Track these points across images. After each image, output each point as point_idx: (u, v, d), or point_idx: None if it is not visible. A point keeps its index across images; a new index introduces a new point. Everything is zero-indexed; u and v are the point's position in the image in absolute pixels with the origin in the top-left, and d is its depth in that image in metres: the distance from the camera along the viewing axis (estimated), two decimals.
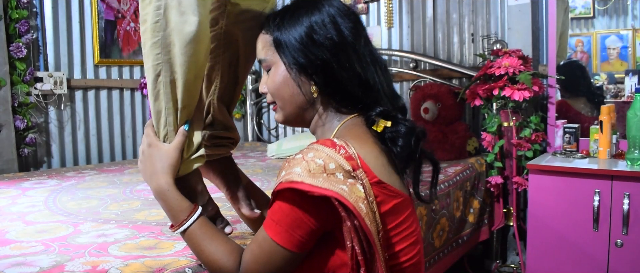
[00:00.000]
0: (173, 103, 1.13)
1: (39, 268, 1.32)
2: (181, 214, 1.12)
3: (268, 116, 4.50)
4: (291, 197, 1.00)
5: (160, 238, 1.58)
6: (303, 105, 1.15)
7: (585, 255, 2.45)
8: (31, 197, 2.27)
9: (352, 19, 1.14)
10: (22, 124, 3.17)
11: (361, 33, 1.15)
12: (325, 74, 1.11)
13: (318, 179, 0.97)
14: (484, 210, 3.07)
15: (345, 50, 1.10)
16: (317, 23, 1.10)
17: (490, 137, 2.94)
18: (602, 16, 3.01)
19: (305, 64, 1.11)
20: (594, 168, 2.44)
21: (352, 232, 0.98)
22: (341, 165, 1.00)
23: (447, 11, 3.59)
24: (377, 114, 1.12)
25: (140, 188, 2.45)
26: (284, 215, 1.02)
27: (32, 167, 3.32)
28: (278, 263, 1.04)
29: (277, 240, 1.02)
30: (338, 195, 0.96)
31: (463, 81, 3.47)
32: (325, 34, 1.10)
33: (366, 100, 1.13)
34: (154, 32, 1.09)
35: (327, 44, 1.09)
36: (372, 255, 1.01)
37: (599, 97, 2.98)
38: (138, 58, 3.86)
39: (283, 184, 1.00)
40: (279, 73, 1.14)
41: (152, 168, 1.14)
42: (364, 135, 1.10)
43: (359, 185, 1.00)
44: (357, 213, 0.97)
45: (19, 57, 3.14)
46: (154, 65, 1.10)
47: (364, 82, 1.12)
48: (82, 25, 3.54)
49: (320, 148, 1.02)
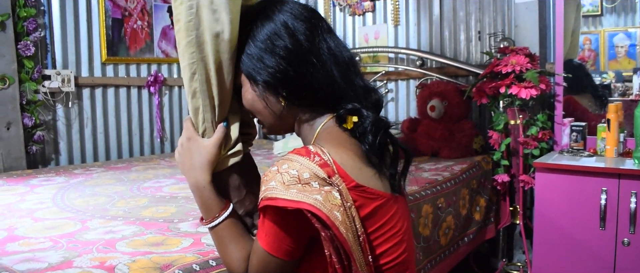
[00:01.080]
0: (210, 100, 1.14)
1: (47, 264, 1.33)
2: (213, 211, 1.14)
3: None
4: (270, 212, 1.02)
5: (167, 234, 1.59)
6: (277, 117, 1.15)
7: (591, 253, 2.45)
8: (39, 194, 2.29)
9: (305, 18, 1.12)
10: (30, 121, 3.19)
11: (317, 31, 1.12)
12: (288, 84, 1.10)
13: (292, 191, 0.98)
14: (490, 209, 3.06)
15: (302, 56, 1.09)
16: (270, 34, 1.10)
17: (497, 135, 2.93)
18: (610, 14, 3.00)
19: (266, 79, 1.10)
20: (601, 166, 2.43)
21: (327, 241, 0.99)
22: (316, 174, 1.00)
23: (453, 9, 3.58)
24: (345, 111, 1.11)
25: (147, 185, 2.46)
26: (270, 227, 1.03)
27: (40, 165, 3.34)
28: (273, 270, 1.06)
29: (268, 250, 1.04)
30: (311, 207, 0.97)
31: (469, 79, 3.46)
32: (280, 44, 1.09)
33: (333, 100, 1.12)
34: (188, 31, 1.10)
35: (282, 54, 1.08)
36: (349, 262, 1.02)
37: (603, 95, 2.96)
38: (145, 56, 3.87)
39: (263, 201, 1.01)
40: (247, 90, 1.14)
41: (190, 162, 1.16)
42: (341, 138, 1.10)
43: (335, 191, 1.00)
44: (331, 223, 0.97)
45: (27, 55, 3.15)
46: (189, 64, 1.11)
47: (327, 83, 1.11)
48: (89, 23, 3.56)
49: (294, 158, 1.02)
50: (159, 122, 3.97)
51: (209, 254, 1.36)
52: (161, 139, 4.02)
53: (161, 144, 4.03)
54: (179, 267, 1.28)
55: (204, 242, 1.49)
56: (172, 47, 4.02)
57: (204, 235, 1.55)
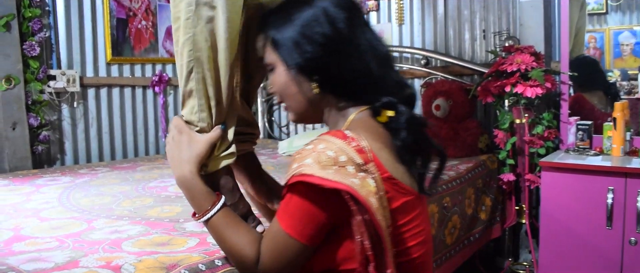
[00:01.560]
0: (206, 99, 1.12)
1: (54, 263, 1.33)
2: (205, 203, 1.12)
3: (279, 113, 4.51)
4: (302, 189, 0.99)
5: (173, 234, 1.59)
6: (308, 104, 1.14)
7: (598, 253, 2.44)
8: (45, 194, 2.29)
9: (347, 8, 1.10)
10: (35, 121, 3.20)
11: (357, 22, 1.11)
12: (324, 71, 1.09)
13: (328, 171, 0.96)
14: (496, 208, 3.06)
15: (341, 44, 1.08)
16: (310, 19, 1.08)
17: (502, 134, 2.93)
18: (615, 12, 2.99)
19: (301, 63, 1.09)
20: (608, 165, 2.43)
21: (362, 226, 0.97)
22: (352, 158, 0.98)
23: (458, 7, 3.58)
24: (380, 105, 1.10)
25: (152, 185, 2.47)
26: (296, 208, 1.01)
27: (46, 164, 3.35)
28: (291, 255, 1.03)
29: (290, 233, 1.01)
30: (349, 188, 0.95)
31: (474, 78, 3.45)
32: (319, 30, 1.07)
33: (368, 91, 1.11)
34: (186, 29, 1.09)
35: (321, 41, 1.07)
36: (381, 250, 1.00)
37: (614, 92, 2.94)
38: (149, 56, 3.87)
39: (295, 177, 0.99)
40: (279, 74, 1.13)
41: (178, 155, 1.14)
42: (375, 129, 1.08)
43: (370, 178, 0.98)
44: (368, 207, 0.96)
45: (32, 55, 3.16)
46: (186, 62, 1.10)
47: (363, 74, 1.09)
48: (94, 23, 3.56)
49: (331, 139, 1.01)
50: (163, 121, 3.97)
51: (214, 254, 1.36)
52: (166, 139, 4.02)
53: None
54: (185, 267, 1.28)
55: (209, 241, 1.49)
56: None
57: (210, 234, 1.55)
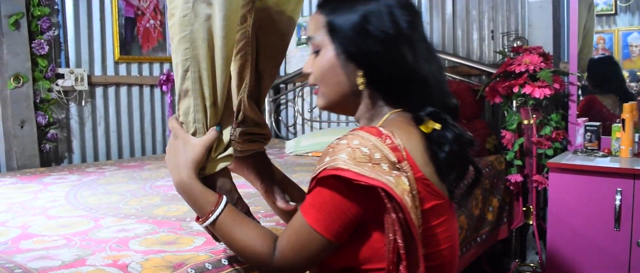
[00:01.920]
0: (201, 100, 1.10)
1: (61, 262, 1.33)
2: (207, 206, 1.10)
3: (286, 113, 4.51)
4: (335, 184, 0.97)
5: (179, 233, 1.59)
6: (347, 94, 1.11)
7: (606, 254, 2.43)
8: (53, 192, 2.30)
9: (411, 12, 1.08)
10: (43, 120, 3.21)
11: (418, 28, 1.09)
12: (375, 67, 1.07)
13: (364, 168, 0.94)
14: (503, 209, 3.04)
15: (400, 45, 1.05)
16: (373, 13, 1.05)
17: (510, 134, 2.91)
18: (624, 13, 2.97)
19: (355, 53, 1.06)
20: (616, 167, 2.41)
21: (395, 224, 0.95)
22: (386, 156, 0.97)
23: (466, 8, 3.56)
24: (427, 114, 1.08)
25: (159, 184, 2.47)
26: (325, 202, 0.99)
27: (54, 163, 3.36)
28: (314, 250, 1.01)
29: (316, 227, 0.99)
30: (385, 186, 0.93)
31: (482, 78, 3.44)
32: (380, 25, 1.05)
33: (415, 97, 1.09)
34: (182, 26, 1.07)
35: (381, 36, 1.04)
36: (413, 249, 0.98)
37: (629, 95, 2.91)
38: (157, 55, 3.89)
39: (328, 171, 0.97)
40: (327, 58, 1.10)
41: (175, 160, 1.11)
42: (410, 129, 1.06)
43: (404, 177, 0.97)
44: (404, 206, 0.94)
45: (40, 53, 3.17)
46: (182, 61, 1.08)
47: (415, 79, 1.07)
48: (102, 22, 3.57)
49: (365, 136, 0.99)
50: None
51: (221, 253, 1.36)
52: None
53: None
54: (192, 266, 1.28)
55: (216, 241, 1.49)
56: None
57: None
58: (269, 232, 1.10)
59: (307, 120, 4.34)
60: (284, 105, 4.51)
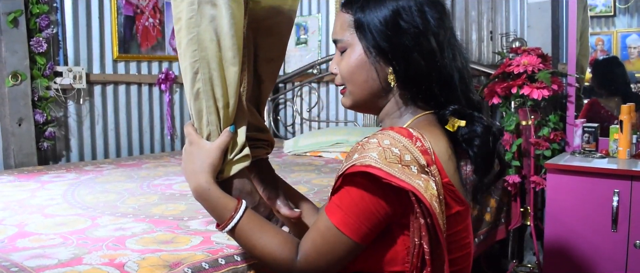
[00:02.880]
0: (214, 101, 1.09)
1: (57, 260, 1.33)
2: (226, 212, 1.06)
3: (284, 112, 4.51)
4: (363, 182, 0.96)
5: (176, 232, 1.59)
6: (376, 91, 1.09)
7: (603, 256, 2.43)
8: (50, 190, 2.30)
9: (439, 10, 1.08)
10: (41, 118, 3.21)
11: (447, 25, 1.09)
12: (406, 62, 1.05)
13: (394, 169, 0.93)
14: (501, 209, 3.04)
15: (429, 41, 1.04)
16: (404, 8, 1.04)
17: (508, 135, 2.91)
18: (623, 15, 2.97)
19: (386, 48, 1.05)
20: (614, 168, 2.41)
21: (423, 229, 0.94)
22: (416, 159, 0.95)
23: (466, 8, 3.56)
24: (451, 113, 1.07)
25: (157, 182, 2.47)
26: (353, 202, 0.97)
27: (51, 161, 3.36)
28: (341, 253, 0.99)
29: (342, 229, 0.97)
30: (415, 190, 0.92)
31: (481, 79, 3.44)
32: (411, 20, 1.04)
33: (442, 95, 1.07)
34: (189, 29, 1.06)
35: (411, 31, 1.04)
36: (438, 255, 0.97)
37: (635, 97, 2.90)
38: (156, 53, 3.88)
39: (357, 167, 0.95)
40: (356, 55, 1.08)
41: (192, 167, 1.08)
42: (437, 132, 1.05)
43: (432, 182, 0.96)
44: (433, 211, 0.94)
45: (39, 51, 3.17)
46: (191, 63, 1.07)
47: (443, 76, 1.06)
48: (101, 20, 3.57)
49: (396, 136, 0.97)
50: (169, 119, 3.98)
51: (218, 252, 1.36)
52: (172, 137, 4.03)
53: (171, 142, 4.05)
54: (188, 265, 1.28)
55: (213, 240, 1.49)
56: None
57: (214, 233, 1.55)
58: (290, 236, 1.07)
59: (305, 119, 4.34)
60: (282, 105, 4.51)
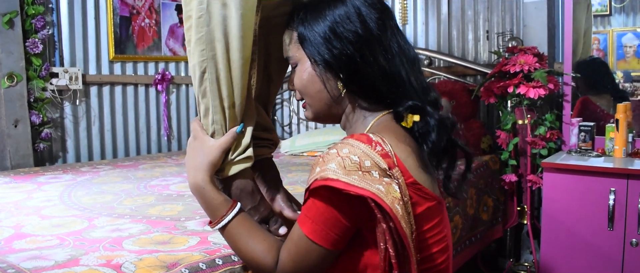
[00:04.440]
0: (220, 101, 1.10)
1: (54, 261, 1.33)
2: (219, 210, 1.09)
3: (281, 112, 4.50)
4: (326, 194, 0.98)
5: (174, 233, 1.59)
6: (330, 101, 1.11)
7: (599, 254, 2.43)
8: (46, 192, 2.29)
9: (379, 9, 1.09)
10: (37, 119, 3.20)
11: (387, 23, 1.10)
12: (350, 69, 1.07)
13: (353, 177, 0.95)
14: (498, 208, 3.05)
15: (371, 44, 1.07)
16: (341, 16, 1.07)
17: (505, 134, 2.92)
18: (619, 14, 2.98)
19: (329, 59, 1.07)
20: (610, 167, 2.42)
21: (386, 233, 0.95)
22: (377, 163, 0.97)
23: (462, 8, 3.57)
24: (405, 109, 1.08)
25: (154, 183, 2.47)
26: (319, 213, 0.99)
27: (48, 162, 3.35)
28: (314, 261, 1.02)
29: (313, 238, 1.00)
30: (374, 196, 0.94)
31: (477, 78, 3.45)
32: (350, 27, 1.06)
33: (393, 95, 1.09)
34: (198, 28, 1.06)
35: (351, 38, 1.06)
36: (405, 257, 0.98)
37: (622, 94, 2.93)
38: (152, 54, 3.87)
39: (318, 182, 0.97)
40: (305, 69, 1.11)
41: (193, 162, 1.11)
42: (398, 133, 1.06)
43: (395, 184, 0.97)
44: (394, 215, 0.94)
45: (35, 52, 3.16)
46: (199, 62, 1.07)
47: (389, 76, 1.08)
48: (97, 21, 3.56)
49: (355, 144, 0.99)
50: (166, 120, 3.97)
51: (215, 253, 1.36)
52: (168, 137, 4.02)
53: (168, 142, 4.04)
54: (186, 266, 1.27)
55: (210, 240, 1.49)
56: (179, 46, 4.02)
57: (211, 233, 1.55)
58: (277, 244, 1.09)
59: (302, 119, 4.34)
60: (279, 105, 4.51)
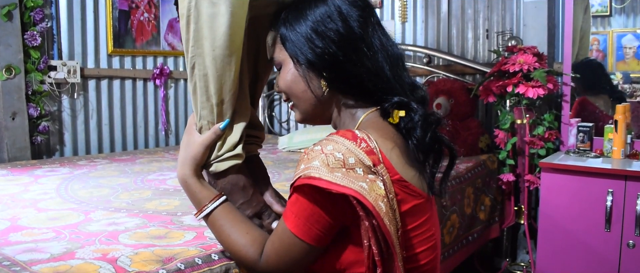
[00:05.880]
0: (207, 97, 1.11)
1: (49, 254, 1.32)
2: (203, 200, 1.13)
3: (279, 109, 4.50)
4: (309, 192, 0.98)
5: (170, 227, 1.59)
6: (315, 101, 1.12)
7: (596, 255, 2.43)
8: (43, 185, 2.29)
9: (360, 7, 1.09)
10: (35, 112, 3.19)
11: (369, 21, 1.10)
12: (333, 68, 1.07)
13: (336, 174, 0.95)
14: (495, 208, 3.05)
15: (353, 42, 1.07)
16: (323, 15, 1.07)
17: (503, 134, 2.92)
18: (619, 15, 2.98)
19: (312, 59, 1.07)
20: (608, 168, 2.42)
21: (369, 231, 0.95)
22: (361, 160, 0.96)
23: (462, 6, 3.57)
24: (390, 105, 1.08)
25: (151, 178, 2.46)
26: (302, 209, 1.00)
27: (45, 155, 3.34)
28: (297, 255, 1.02)
29: (296, 233, 1.01)
30: (357, 194, 0.93)
31: (477, 77, 3.44)
32: (332, 26, 1.06)
33: (378, 91, 1.09)
34: (189, 26, 1.08)
35: (333, 37, 1.06)
36: (390, 255, 0.98)
37: (619, 95, 2.93)
38: (151, 48, 3.87)
39: (302, 180, 0.97)
40: (288, 70, 1.11)
41: (180, 157, 1.17)
42: (386, 130, 1.07)
43: (380, 181, 0.97)
44: (376, 213, 0.94)
45: (33, 45, 3.15)
46: (190, 58, 1.09)
47: (373, 73, 1.08)
48: (96, 14, 3.55)
49: (340, 140, 0.99)
50: (164, 115, 3.97)
51: (211, 248, 1.35)
52: (166, 132, 4.02)
53: (166, 137, 4.03)
54: (181, 260, 1.27)
55: (206, 235, 1.48)
56: (178, 40, 4.01)
57: (207, 228, 1.54)
58: (262, 237, 1.10)
59: None
60: (277, 101, 4.50)
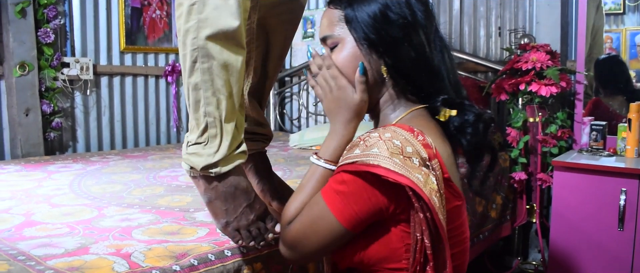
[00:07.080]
0: (212, 92, 1.05)
1: (64, 249, 1.33)
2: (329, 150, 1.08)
3: (290, 106, 4.50)
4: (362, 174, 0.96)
5: (183, 223, 1.59)
6: (370, 85, 1.09)
7: (609, 254, 2.42)
8: (57, 180, 2.30)
9: (424, 3, 1.10)
10: (48, 108, 3.21)
11: (432, 18, 1.10)
12: (397, 54, 1.05)
13: (395, 160, 0.93)
14: (507, 206, 3.04)
15: (418, 32, 1.06)
16: (392, 1, 1.06)
17: (515, 132, 2.90)
18: (633, 13, 2.95)
19: (376, 41, 1.05)
20: (621, 166, 2.40)
21: (423, 224, 0.94)
22: (418, 152, 0.95)
23: (474, 4, 3.55)
24: (441, 102, 1.07)
25: (163, 174, 2.47)
26: (347, 185, 0.97)
27: (58, 151, 3.37)
28: (322, 231, 0.99)
29: (330, 207, 0.97)
30: (413, 184, 0.92)
31: (489, 75, 3.43)
32: (399, 12, 1.05)
33: (431, 87, 1.08)
34: (190, 15, 1.02)
35: (400, 23, 1.05)
36: (440, 249, 0.96)
37: (637, 95, 2.89)
38: (163, 45, 3.88)
39: (359, 166, 0.94)
40: (348, 49, 1.08)
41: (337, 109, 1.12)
42: (434, 128, 1.06)
43: (433, 176, 0.95)
44: (431, 206, 0.93)
45: (46, 42, 3.17)
46: (190, 51, 1.03)
47: (431, 68, 1.07)
48: (108, 12, 3.57)
49: (397, 130, 0.97)
50: (175, 111, 3.98)
51: (224, 244, 1.36)
52: (177, 129, 4.03)
53: (177, 134, 4.05)
54: (195, 257, 1.28)
55: (219, 232, 1.49)
56: None
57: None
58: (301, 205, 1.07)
59: (311, 113, 4.33)
60: (288, 99, 4.50)
